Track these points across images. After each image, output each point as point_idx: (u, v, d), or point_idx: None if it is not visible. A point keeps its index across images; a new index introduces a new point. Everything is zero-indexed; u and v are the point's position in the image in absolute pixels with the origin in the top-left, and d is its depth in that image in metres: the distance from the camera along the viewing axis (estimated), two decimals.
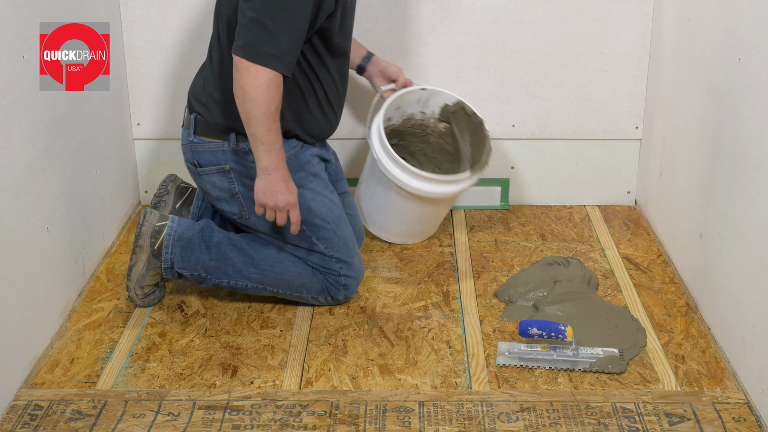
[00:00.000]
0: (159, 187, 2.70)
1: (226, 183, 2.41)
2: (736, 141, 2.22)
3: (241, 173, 2.39)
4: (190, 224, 2.46)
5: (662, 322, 2.44)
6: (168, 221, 2.44)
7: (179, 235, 2.43)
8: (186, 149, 2.46)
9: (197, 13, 2.95)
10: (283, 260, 2.43)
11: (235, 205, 2.43)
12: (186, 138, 2.45)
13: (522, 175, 3.13)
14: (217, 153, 2.40)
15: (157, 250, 2.42)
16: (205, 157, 2.41)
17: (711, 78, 2.40)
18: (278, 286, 2.43)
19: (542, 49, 2.99)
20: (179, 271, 2.43)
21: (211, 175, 2.42)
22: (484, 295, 2.58)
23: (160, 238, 2.42)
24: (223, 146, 2.39)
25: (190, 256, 2.42)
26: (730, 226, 2.26)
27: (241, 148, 2.37)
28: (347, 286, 2.45)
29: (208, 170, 2.42)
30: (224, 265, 2.42)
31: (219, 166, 2.40)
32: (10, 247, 2.13)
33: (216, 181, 2.42)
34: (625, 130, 3.08)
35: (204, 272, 2.42)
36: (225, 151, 2.39)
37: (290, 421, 2.05)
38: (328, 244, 2.42)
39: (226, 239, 2.44)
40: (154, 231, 2.43)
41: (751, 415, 2.06)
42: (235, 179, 2.40)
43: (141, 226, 2.43)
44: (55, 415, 2.07)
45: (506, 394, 2.14)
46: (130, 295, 2.47)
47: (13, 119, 2.16)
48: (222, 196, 2.43)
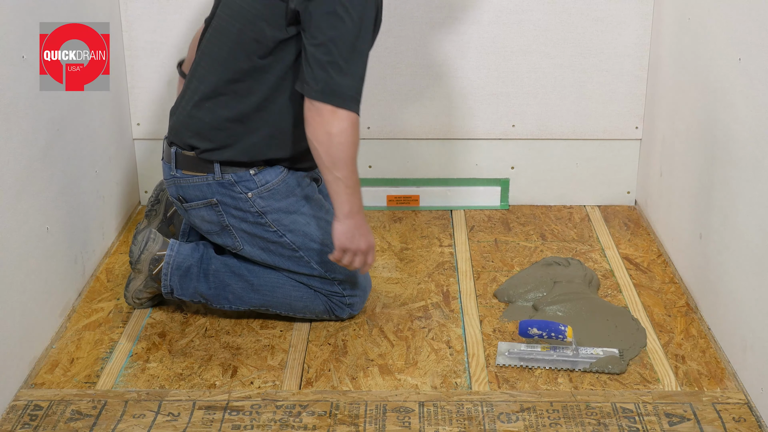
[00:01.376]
0: (150, 196, 2.64)
1: (215, 216, 2.34)
2: (737, 141, 2.22)
3: (230, 205, 2.32)
4: (190, 252, 2.40)
5: (662, 322, 2.44)
6: (167, 250, 2.39)
7: (177, 264, 2.38)
8: (169, 184, 2.37)
9: (197, 13, 2.95)
10: (283, 284, 2.39)
11: (228, 237, 2.36)
12: (167, 172, 2.37)
13: (522, 175, 3.13)
14: (202, 187, 2.32)
15: (155, 275, 2.39)
16: (191, 192, 2.34)
17: (711, 78, 2.40)
18: (280, 308, 2.40)
19: (542, 49, 2.99)
20: (179, 297, 2.39)
21: (199, 210, 2.35)
22: (484, 295, 2.58)
23: (159, 265, 2.38)
24: (207, 179, 2.31)
25: (189, 285, 2.37)
26: (730, 226, 2.26)
27: (227, 180, 2.30)
28: (352, 305, 2.42)
29: (195, 205, 2.34)
30: (224, 292, 2.38)
31: (206, 200, 2.33)
32: (10, 247, 2.13)
33: (205, 215, 2.35)
34: (625, 130, 3.08)
35: (204, 300, 2.39)
36: (210, 185, 2.31)
37: (290, 421, 2.05)
38: (329, 266, 2.37)
39: (223, 267, 2.39)
40: (153, 259, 2.39)
41: (751, 415, 2.06)
42: (224, 212, 2.33)
43: (141, 253, 2.39)
44: (55, 415, 2.07)
45: (506, 395, 2.14)
46: (127, 302, 2.48)
47: (13, 119, 2.16)
48: (213, 229, 2.37)
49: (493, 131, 3.05)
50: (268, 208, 2.32)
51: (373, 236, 2.24)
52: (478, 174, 3.14)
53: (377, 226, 3.00)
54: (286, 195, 2.34)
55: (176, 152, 2.34)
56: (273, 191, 2.32)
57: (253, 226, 2.33)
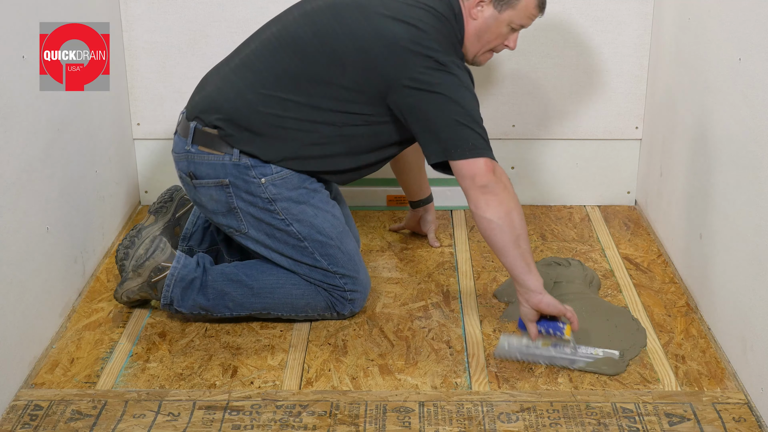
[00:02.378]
0: (163, 193, 2.64)
1: (224, 197, 2.34)
2: (736, 141, 2.22)
3: (241, 188, 2.32)
4: (195, 266, 2.39)
5: (662, 322, 2.44)
6: (174, 262, 2.37)
7: (182, 276, 2.36)
8: (180, 158, 2.37)
9: (197, 13, 2.95)
10: (283, 284, 2.38)
11: (233, 219, 2.36)
12: (181, 147, 2.36)
13: (522, 175, 3.13)
14: (216, 166, 2.32)
15: (153, 283, 2.37)
16: (203, 169, 2.33)
17: (711, 78, 2.40)
18: (282, 309, 2.39)
19: (542, 49, 2.99)
20: (178, 308, 2.38)
21: (208, 188, 2.34)
22: (484, 295, 2.58)
23: (161, 275, 2.36)
24: (223, 159, 2.31)
25: (189, 297, 2.36)
26: (730, 226, 2.26)
27: (243, 163, 2.30)
28: (353, 301, 2.42)
29: (205, 183, 2.34)
30: (223, 301, 2.37)
31: (217, 179, 2.33)
32: (10, 247, 2.13)
33: (213, 194, 2.35)
34: (625, 130, 3.08)
35: (203, 311, 2.38)
36: (225, 165, 2.31)
37: (290, 421, 2.05)
38: (332, 260, 2.37)
39: (220, 276, 2.38)
40: (157, 268, 2.37)
41: (751, 415, 2.06)
42: (234, 194, 2.33)
43: (146, 258, 2.37)
44: (55, 415, 2.07)
45: (506, 394, 2.14)
46: (116, 297, 2.45)
47: (13, 119, 2.16)
48: (219, 209, 2.36)
49: (493, 131, 3.05)
50: (278, 196, 2.32)
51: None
52: None
53: (377, 226, 3.00)
54: (298, 186, 2.35)
55: (196, 127, 2.33)
56: (286, 180, 2.32)
57: (261, 212, 2.33)
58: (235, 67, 2.36)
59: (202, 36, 2.97)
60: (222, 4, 2.94)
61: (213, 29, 2.97)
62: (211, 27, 2.97)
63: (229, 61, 2.40)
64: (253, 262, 2.43)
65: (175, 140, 2.40)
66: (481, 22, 2.33)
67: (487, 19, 2.33)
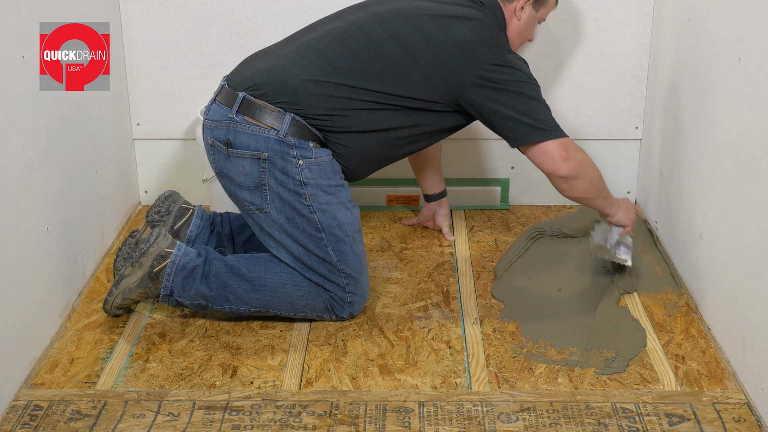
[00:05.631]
0: (159, 204, 2.61)
1: (257, 171, 2.31)
2: (736, 141, 2.22)
3: (277, 165, 2.30)
4: (196, 255, 2.39)
5: (662, 322, 2.44)
6: (174, 249, 2.38)
7: (183, 264, 2.36)
8: (220, 125, 2.33)
9: (197, 13, 2.95)
10: (285, 283, 2.39)
11: (258, 196, 2.34)
12: (223, 114, 2.32)
13: (522, 175, 3.13)
14: (258, 138, 2.29)
15: (154, 274, 2.36)
16: (243, 140, 2.30)
17: (711, 78, 2.40)
18: (281, 308, 2.40)
19: (542, 49, 2.99)
20: (179, 299, 2.37)
21: (243, 159, 2.31)
22: (484, 295, 2.58)
23: (163, 263, 2.36)
24: (268, 133, 2.28)
25: (191, 286, 2.36)
26: (730, 226, 2.26)
27: (288, 141, 2.29)
28: (352, 304, 2.42)
29: (242, 153, 2.31)
30: (224, 293, 2.36)
31: (257, 152, 2.30)
32: (10, 247, 2.13)
33: (246, 167, 2.31)
34: (625, 130, 3.08)
35: (204, 301, 2.37)
36: (269, 139, 2.29)
37: (290, 421, 2.05)
38: (342, 257, 2.38)
39: (224, 267, 2.38)
40: (159, 255, 2.37)
41: (751, 415, 2.06)
42: (268, 170, 2.30)
43: (149, 245, 2.36)
44: (55, 415, 2.07)
45: (506, 395, 2.14)
46: (107, 299, 2.40)
47: (13, 119, 2.16)
48: (247, 183, 2.33)
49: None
50: (311, 181, 2.32)
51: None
52: (478, 174, 3.14)
53: (377, 226, 3.01)
54: (330, 176, 2.36)
55: (245, 97, 2.31)
56: (321, 167, 2.33)
57: (289, 193, 2.32)
58: (295, 50, 2.37)
59: (202, 36, 2.97)
60: (222, 4, 2.94)
61: (213, 29, 2.97)
62: (211, 27, 2.97)
63: (282, 47, 2.41)
64: (257, 258, 2.43)
65: (213, 108, 2.37)
66: (523, 21, 2.52)
67: (527, 18, 2.53)
